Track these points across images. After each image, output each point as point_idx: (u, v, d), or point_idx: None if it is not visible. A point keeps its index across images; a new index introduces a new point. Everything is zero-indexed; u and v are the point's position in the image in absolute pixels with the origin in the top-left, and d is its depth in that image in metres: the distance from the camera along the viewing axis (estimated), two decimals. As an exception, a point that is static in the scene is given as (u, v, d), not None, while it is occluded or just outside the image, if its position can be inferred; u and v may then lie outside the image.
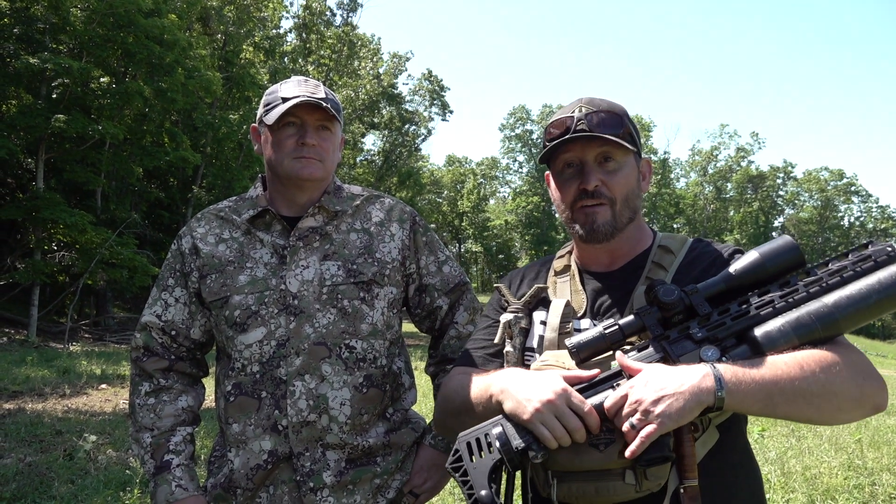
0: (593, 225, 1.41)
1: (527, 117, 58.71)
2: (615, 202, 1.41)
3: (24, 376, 9.53)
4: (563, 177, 1.46)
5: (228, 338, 1.76)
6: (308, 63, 30.34)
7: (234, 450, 1.74)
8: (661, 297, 1.25)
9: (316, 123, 1.75)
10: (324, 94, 1.76)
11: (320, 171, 1.77)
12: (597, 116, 1.39)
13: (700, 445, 1.27)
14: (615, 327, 1.27)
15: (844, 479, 5.18)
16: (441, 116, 43.64)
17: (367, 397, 1.75)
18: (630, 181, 1.43)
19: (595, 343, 1.28)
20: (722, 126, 65.38)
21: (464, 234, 61.39)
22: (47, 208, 15.31)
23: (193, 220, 1.90)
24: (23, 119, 15.27)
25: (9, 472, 4.98)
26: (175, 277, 1.86)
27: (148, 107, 17.81)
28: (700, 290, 1.27)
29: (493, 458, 1.24)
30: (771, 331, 1.20)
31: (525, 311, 1.50)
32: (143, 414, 1.81)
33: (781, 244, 1.28)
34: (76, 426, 6.66)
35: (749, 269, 1.28)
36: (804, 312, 1.20)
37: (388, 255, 1.83)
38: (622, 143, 1.38)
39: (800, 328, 1.19)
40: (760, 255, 1.28)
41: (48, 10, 15.55)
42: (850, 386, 1.18)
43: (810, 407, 1.17)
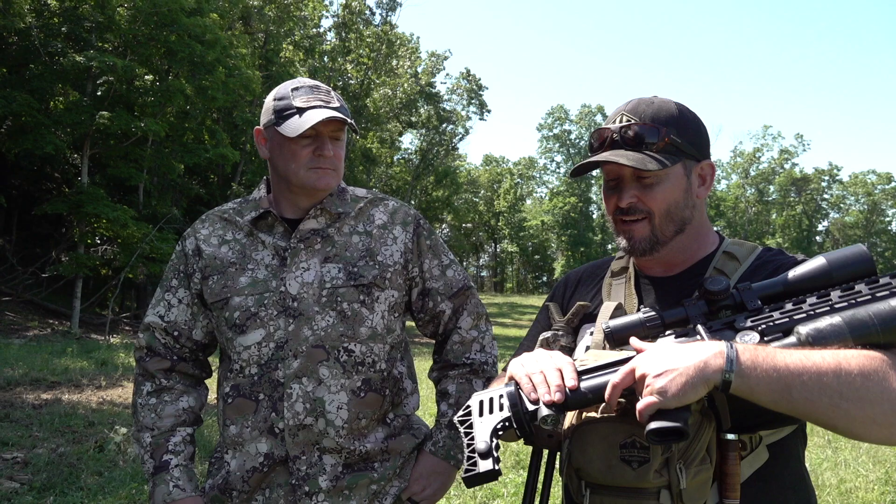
0: (632, 241, 1.38)
1: (565, 117, 58.24)
2: (653, 215, 1.36)
3: (63, 367, 9.77)
4: (607, 188, 1.43)
5: (228, 339, 1.76)
6: (347, 62, 30.56)
7: (231, 451, 1.74)
8: (707, 286, 1.20)
9: (331, 134, 1.75)
10: (337, 103, 1.76)
11: (335, 180, 1.78)
12: (632, 129, 1.33)
13: (746, 465, 1.21)
14: (655, 316, 1.22)
15: (881, 495, 5.00)
16: (479, 116, 43.61)
17: (364, 402, 1.73)
18: (672, 194, 1.36)
19: (631, 328, 1.22)
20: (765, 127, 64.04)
21: (500, 234, 61.22)
22: (91, 203, 15.71)
23: (198, 222, 1.91)
24: (69, 115, 15.69)
25: (41, 461, 5.10)
26: (178, 278, 1.86)
27: (189, 104, 18.14)
28: (754, 288, 1.20)
29: (501, 416, 1.20)
30: (822, 326, 1.09)
31: (568, 330, 1.46)
32: (143, 413, 1.82)
33: (852, 252, 1.18)
34: (108, 418, 6.81)
35: (813, 274, 1.19)
36: (863, 310, 1.09)
37: (390, 259, 1.81)
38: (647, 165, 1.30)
39: (855, 325, 1.07)
40: (828, 262, 1.18)
41: (95, 9, 15.95)
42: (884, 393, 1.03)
43: (836, 411, 1.04)
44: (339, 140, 1.77)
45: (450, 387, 1.89)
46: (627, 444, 1.15)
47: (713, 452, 1.16)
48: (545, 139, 59.47)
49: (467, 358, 1.89)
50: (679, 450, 1.13)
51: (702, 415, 1.17)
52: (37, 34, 15.82)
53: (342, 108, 1.75)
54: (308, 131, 1.69)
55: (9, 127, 15.89)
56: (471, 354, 1.89)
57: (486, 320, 1.95)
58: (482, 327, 1.93)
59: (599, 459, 1.17)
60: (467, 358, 1.89)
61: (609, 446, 1.16)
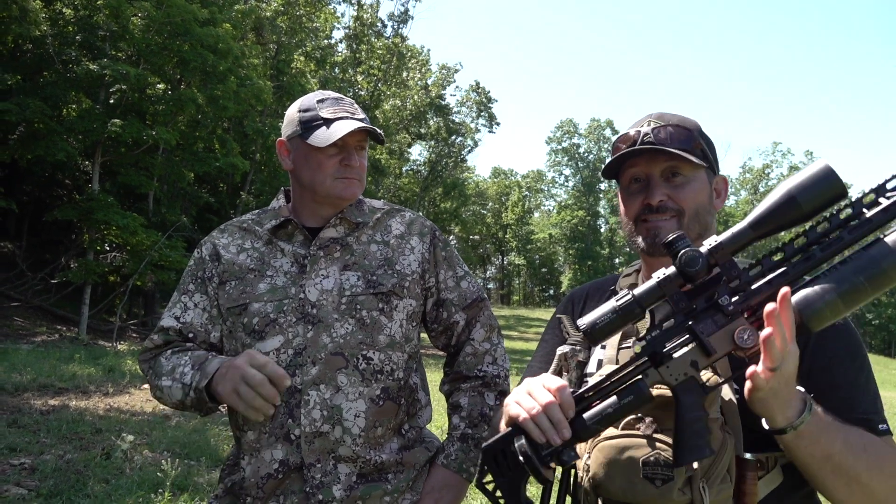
0: (655, 238, 1.34)
1: (574, 131, 58.31)
2: (683, 213, 1.35)
3: (71, 373, 9.79)
4: (629, 191, 1.41)
5: (245, 345, 1.74)
6: (357, 73, 30.72)
7: (247, 458, 1.73)
8: (682, 266, 1.08)
9: (357, 144, 1.77)
10: (361, 115, 1.80)
11: (360, 190, 1.81)
12: (664, 131, 1.35)
13: (763, 485, 1.20)
14: (630, 299, 1.12)
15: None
16: (488, 128, 43.72)
17: (382, 410, 1.72)
18: (701, 196, 1.37)
19: (608, 319, 1.12)
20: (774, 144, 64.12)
21: (507, 246, 61.22)
22: (101, 210, 15.77)
23: (216, 231, 1.91)
24: (81, 123, 15.78)
25: (48, 468, 5.10)
26: (196, 283, 1.85)
27: (201, 114, 18.22)
28: (725, 244, 1.09)
29: (522, 472, 1.18)
30: (811, 296, 1.05)
31: (584, 344, 1.43)
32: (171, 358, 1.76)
33: (815, 173, 1.06)
34: (116, 425, 6.80)
35: (778, 208, 1.08)
36: (847, 268, 1.04)
37: (408, 268, 1.81)
38: (689, 157, 1.32)
39: (844, 289, 1.04)
40: (790, 190, 1.07)
41: (109, 18, 16.08)
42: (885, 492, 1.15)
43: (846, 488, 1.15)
44: (363, 150, 1.80)
45: (462, 400, 1.87)
46: (650, 462, 1.13)
47: (733, 471, 1.15)
48: (554, 152, 59.54)
49: (479, 370, 1.88)
50: (702, 468, 1.12)
51: (724, 433, 1.16)
52: (51, 42, 15.97)
53: (366, 120, 1.78)
54: (336, 142, 1.71)
55: (21, 133, 16.00)
56: (483, 367, 1.88)
57: (498, 333, 1.95)
58: (494, 340, 1.92)
59: (621, 476, 1.15)
60: (479, 370, 1.88)
61: (631, 463, 1.14)
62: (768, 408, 1.11)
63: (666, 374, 1.12)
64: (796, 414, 1.11)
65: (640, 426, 1.17)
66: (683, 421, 1.09)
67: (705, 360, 1.11)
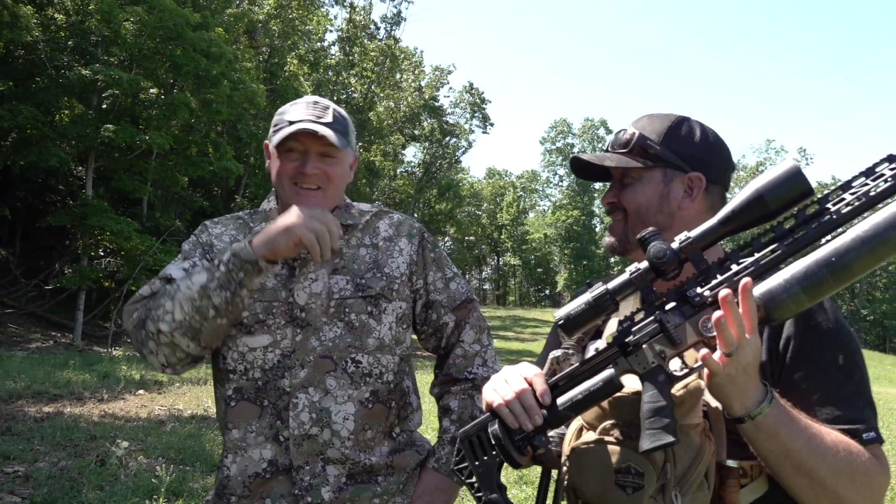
0: (608, 239, 1.45)
1: (568, 131, 58.44)
2: (628, 215, 1.40)
3: (66, 380, 9.75)
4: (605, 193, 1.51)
5: (231, 337, 1.72)
6: (351, 75, 30.73)
7: (232, 456, 1.71)
8: (652, 259, 1.12)
9: (318, 150, 1.72)
10: (331, 118, 1.73)
11: (319, 200, 1.73)
12: (621, 137, 1.42)
13: (746, 494, 1.20)
14: (603, 292, 1.15)
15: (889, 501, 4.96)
16: (482, 129, 43.81)
17: (371, 413, 1.72)
18: (644, 196, 1.38)
19: (584, 312, 1.15)
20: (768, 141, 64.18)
21: (502, 246, 61.24)
22: (95, 215, 15.75)
23: (209, 222, 1.89)
24: (74, 128, 15.77)
25: (42, 475, 5.08)
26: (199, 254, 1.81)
27: (194, 118, 18.22)
28: (695, 239, 1.12)
29: (496, 458, 1.20)
30: (775, 289, 1.07)
31: (578, 348, 1.45)
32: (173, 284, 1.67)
33: (782, 172, 1.08)
34: (110, 431, 6.78)
35: (747, 205, 1.10)
36: (811, 262, 1.06)
37: (397, 270, 1.81)
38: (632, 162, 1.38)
39: (807, 282, 1.05)
40: (758, 189, 1.09)
41: (101, 23, 16.07)
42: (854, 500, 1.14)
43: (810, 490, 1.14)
44: (328, 157, 1.73)
45: (452, 403, 1.88)
46: (623, 470, 1.13)
47: (712, 478, 1.15)
48: (548, 152, 59.65)
49: (469, 373, 1.88)
50: (676, 476, 1.12)
51: (703, 439, 1.16)
52: (43, 48, 15.95)
53: (335, 125, 1.72)
54: (295, 144, 1.69)
55: (14, 139, 15.98)
56: (473, 369, 1.88)
57: (487, 334, 1.95)
58: (484, 341, 1.93)
59: (595, 482, 1.16)
60: (469, 373, 1.88)
61: (604, 470, 1.15)
62: (725, 394, 1.12)
63: (634, 363, 1.15)
64: (754, 404, 1.11)
65: (614, 432, 1.17)
66: (649, 408, 1.10)
67: (672, 350, 1.13)
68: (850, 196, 1.06)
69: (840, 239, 1.05)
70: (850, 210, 1.05)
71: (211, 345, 1.67)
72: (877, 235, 1.02)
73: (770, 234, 1.11)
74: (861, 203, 1.05)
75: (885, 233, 1.02)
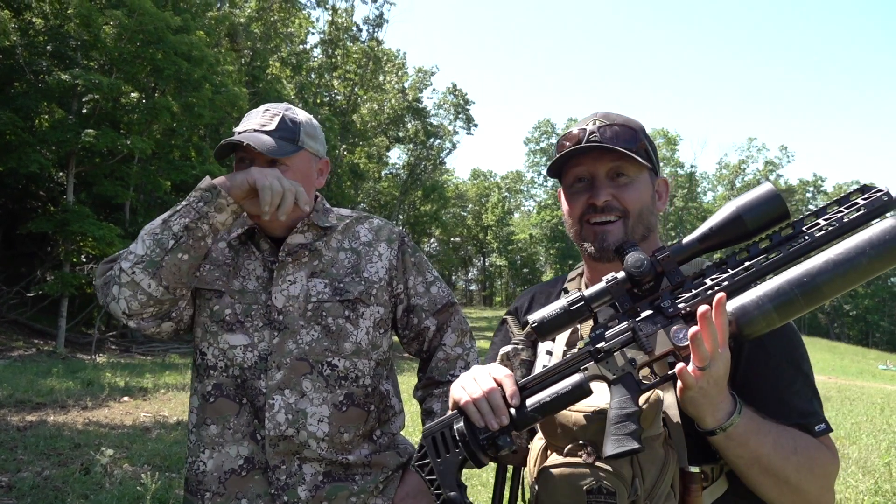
0: (604, 243, 1.34)
1: (552, 131, 58.65)
2: (628, 215, 1.34)
3: (49, 388, 9.65)
4: (573, 190, 1.40)
5: (212, 333, 1.73)
6: (334, 78, 30.64)
7: (209, 451, 1.70)
8: (630, 269, 1.14)
9: (265, 160, 1.70)
10: (275, 126, 1.71)
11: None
12: (610, 129, 1.33)
13: (707, 495, 1.21)
14: (579, 299, 1.16)
15: (872, 506, 5.01)
16: (466, 130, 43.88)
17: (346, 416, 1.72)
18: (644, 197, 1.36)
19: (559, 317, 1.16)
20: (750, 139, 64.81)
21: (488, 247, 61.32)
22: (76, 221, 15.59)
23: None
24: (54, 134, 15.60)
25: (25, 485, 5.02)
26: None
27: (176, 122, 18.09)
28: (673, 253, 1.15)
29: (458, 454, 1.19)
30: (747, 305, 1.09)
31: (528, 343, 1.44)
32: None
33: (760, 194, 1.11)
34: (95, 439, 6.72)
35: (725, 224, 1.13)
36: (783, 281, 1.08)
37: (376, 275, 1.81)
38: (635, 157, 1.32)
39: (779, 301, 1.08)
40: (737, 209, 1.12)
41: (80, 27, 15.91)
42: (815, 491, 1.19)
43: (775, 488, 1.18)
44: (282, 167, 1.69)
45: (435, 405, 1.87)
46: (594, 490, 1.13)
47: (677, 486, 1.16)
48: (532, 153, 59.84)
49: (452, 375, 1.88)
50: (645, 491, 1.13)
51: (666, 449, 1.17)
52: (21, 53, 15.76)
53: (279, 132, 1.70)
54: (243, 154, 1.71)
55: (-7, 146, 15.78)
56: (456, 371, 1.88)
57: (470, 337, 1.95)
58: (467, 344, 1.92)
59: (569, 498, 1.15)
60: (452, 375, 1.88)
61: (575, 491, 1.14)
62: (698, 408, 1.14)
63: (604, 369, 1.16)
64: (725, 416, 1.13)
65: (582, 454, 1.16)
66: (616, 414, 1.11)
67: (643, 359, 1.15)
68: (824, 222, 1.10)
69: (813, 261, 1.08)
70: (823, 235, 1.09)
71: (173, 287, 1.62)
72: (848, 260, 1.05)
73: (744, 252, 1.14)
74: (834, 229, 1.08)
75: (856, 258, 1.05)
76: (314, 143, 1.78)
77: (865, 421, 10.65)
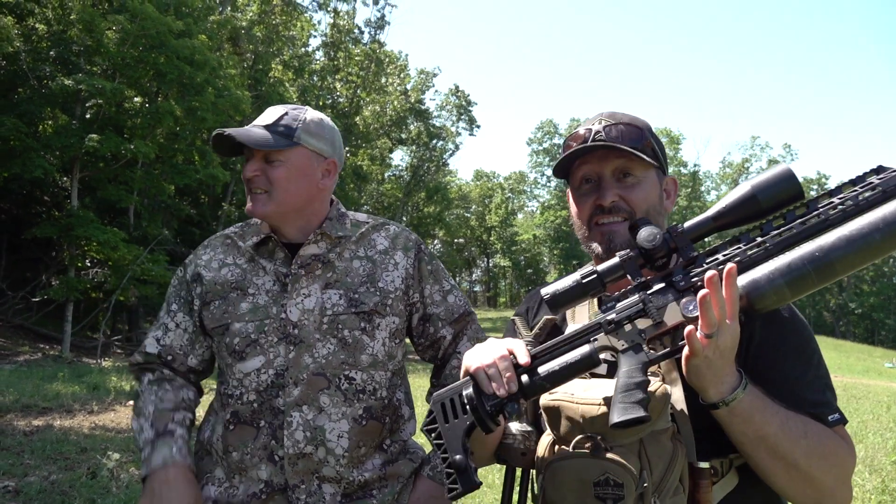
0: (611, 244, 1.33)
1: (554, 131, 58.58)
2: (634, 217, 1.33)
3: (55, 392, 9.66)
4: (580, 192, 1.40)
5: (228, 365, 1.74)
6: (336, 80, 30.67)
7: (238, 476, 1.71)
8: (642, 244, 1.15)
9: (260, 154, 1.71)
10: (272, 121, 1.72)
11: (267, 206, 1.72)
12: (616, 129, 1.34)
13: (717, 490, 1.21)
14: (593, 274, 1.17)
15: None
16: (468, 131, 43.82)
17: (365, 430, 1.71)
18: (651, 196, 1.36)
19: (572, 291, 1.18)
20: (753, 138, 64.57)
21: (492, 248, 61.27)
22: (81, 226, 15.61)
23: (200, 248, 1.90)
24: (58, 139, 15.62)
25: (32, 490, 5.03)
26: (178, 303, 1.85)
27: (179, 126, 18.10)
28: (686, 230, 1.16)
29: (466, 419, 1.20)
30: (759, 279, 1.10)
31: (536, 343, 1.43)
32: (145, 396, 1.79)
33: (776, 174, 1.12)
34: (101, 443, 6.72)
35: (739, 203, 1.14)
36: (796, 257, 1.08)
37: (392, 285, 1.78)
38: (641, 155, 1.31)
39: (791, 276, 1.08)
40: (752, 188, 1.13)
41: (83, 32, 15.93)
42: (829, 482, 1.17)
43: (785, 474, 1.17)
44: (275, 160, 1.71)
45: None
46: (601, 482, 1.13)
47: (685, 481, 1.16)
48: (535, 153, 59.77)
49: None
50: (653, 483, 1.13)
51: (675, 443, 1.17)
52: (25, 59, 15.80)
53: (275, 126, 1.71)
54: (246, 151, 1.73)
55: (-3, 151, 15.82)
56: None
57: None
58: None
59: (573, 496, 1.15)
60: None
61: (582, 484, 1.14)
62: (702, 378, 1.13)
63: (615, 340, 1.17)
64: (729, 390, 1.13)
65: (588, 445, 1.17)
66: (624, 383, 1.11)
67: (653, 331, 1.15)
68: (839, 200, 1.09)
69: (826, 237, 1.08)
70: (838, 213, 1.08)
71: None
72: (862, 237, 1.05)
73: (758, 231, 1.14)
74: (848, 208, 1.08)
75: (869, 235, 1.04)
76: (316, 142, 1.76)
77: (872, 419, 10.60)
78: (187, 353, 1.84)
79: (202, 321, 1.80)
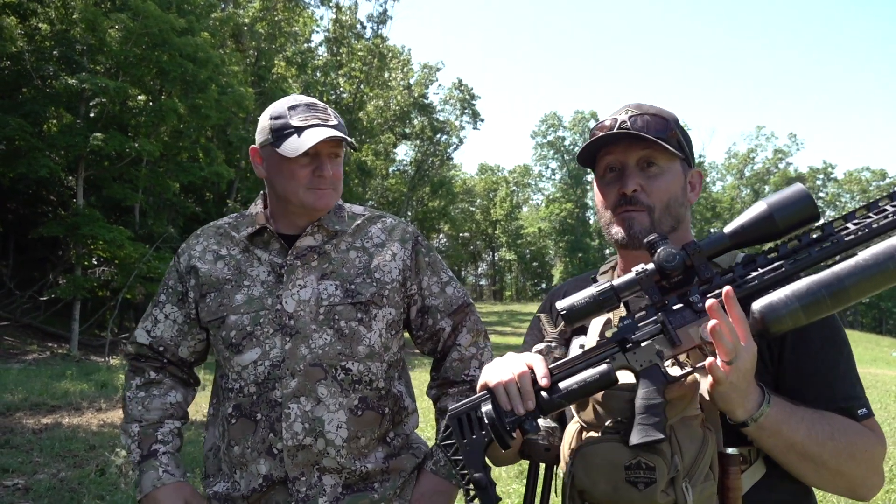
0: (630, 230, 1.35)
1: (559, 124, 58.39)
2: (654, 209, 1.35)
3: (63, 391, 9.71)
4: (605, 181, 1.41)
5: (225, 358, 1.74)
6: (339, 76, 30.65)
7: (239, 472, 1.72)
8: (661, 263, 1.16)
9: (330, 152, 1.71)
10: (335, 121, 1.73)
11: (334, 199, 1.76)
12: (641, 119, 1.34)
13: (746, 478, 1.22)
14: (609, 288, 1.18)
15: (886, 493, 4.97)
16: (472, 125, 43.86)
17: (362, 420, 1.71)
18: (673, 188, 1.36)
19: (587, 305, 1.18)
20: (758, 128, 64.37)
21: (497, 242, 61.24)
22: (87, 225, 15.66)
23: (192, 237, 1.88)
24: (63, 138, 15.66)
25: (42, 487, 5.07)
26: (167, 294, 1.86)
27: (183, 123, 18.14)
28: (703, 248, 1.17)
29: (485, 437, 1.20)
30: (775, 303, 1.10)
31: (560, 341, 1.45)
32: (132, 406, 1.84)
33: (791, 193, 1.14)
34: (109, 441, 6.76)
35: (756, 222, 1.15)
36: (813, 282, 1.09)
37: (388, 276, 1.78)
38: (665, 145, 1.32)
39: (807, 300, 1.09)
40: (768, 207, 1.14)
41: (86, 31, 15.97)
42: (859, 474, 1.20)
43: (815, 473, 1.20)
44: (337, 158, 1.74)
45: (450, 404, 1.86)
46: (633, 466, 1.14)
47: (716, 468, 1.17)
48: (539, 146, 59.59)
49: (467, 375, 1.87)
50: (685, 468, 1.13)
51: (704, 429, 1.17)
52: (28, 58, 15.84)
53: (339, 126, 1.72)
54: (308, 151, 1.66)
55: (2, 151, 15.85)
56: (470, 371, 1.87)
57: (484, 337, 1.93)
58: (481, 344, 1.91)
59: (604, 481, 1.16)
60: (467, 375, 1.87)
61: (614, 468, 1.15)
62: (729, 402, 1.15)
63: (632, 360, 1.17)
64: (755, 406, 1.15)
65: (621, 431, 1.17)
66: (641, 405, 1.12)
67: (670, 351, 1.16)
68: (853, 226, 1.12)
69: (842, 264, 1.10)
70: (852, 239, 1.11)
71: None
72: (876, 265, 1.07)
73: (774, 252, 1.17)
74: (862, 234, 1.11)
75: (884, 263, 1.07)
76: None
77: (880, 409, 10.57)
78: (178, 344, 1.85)
79: (198, 314, 1.81)
